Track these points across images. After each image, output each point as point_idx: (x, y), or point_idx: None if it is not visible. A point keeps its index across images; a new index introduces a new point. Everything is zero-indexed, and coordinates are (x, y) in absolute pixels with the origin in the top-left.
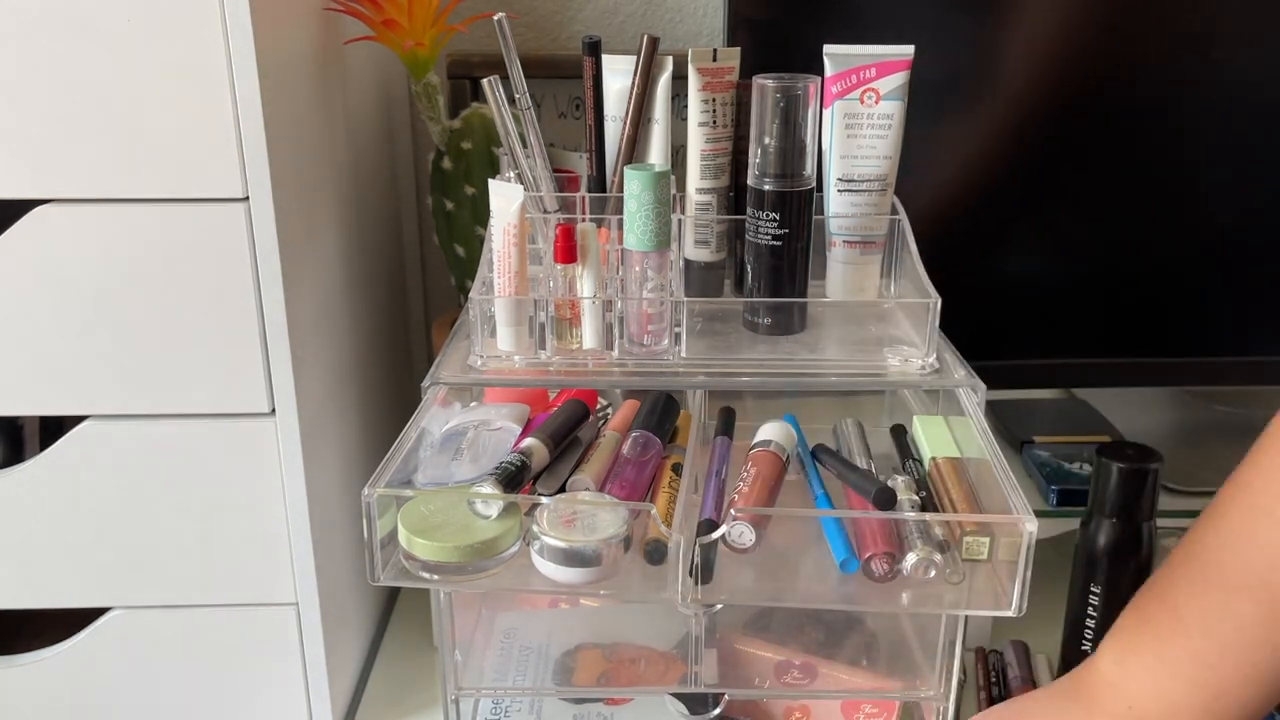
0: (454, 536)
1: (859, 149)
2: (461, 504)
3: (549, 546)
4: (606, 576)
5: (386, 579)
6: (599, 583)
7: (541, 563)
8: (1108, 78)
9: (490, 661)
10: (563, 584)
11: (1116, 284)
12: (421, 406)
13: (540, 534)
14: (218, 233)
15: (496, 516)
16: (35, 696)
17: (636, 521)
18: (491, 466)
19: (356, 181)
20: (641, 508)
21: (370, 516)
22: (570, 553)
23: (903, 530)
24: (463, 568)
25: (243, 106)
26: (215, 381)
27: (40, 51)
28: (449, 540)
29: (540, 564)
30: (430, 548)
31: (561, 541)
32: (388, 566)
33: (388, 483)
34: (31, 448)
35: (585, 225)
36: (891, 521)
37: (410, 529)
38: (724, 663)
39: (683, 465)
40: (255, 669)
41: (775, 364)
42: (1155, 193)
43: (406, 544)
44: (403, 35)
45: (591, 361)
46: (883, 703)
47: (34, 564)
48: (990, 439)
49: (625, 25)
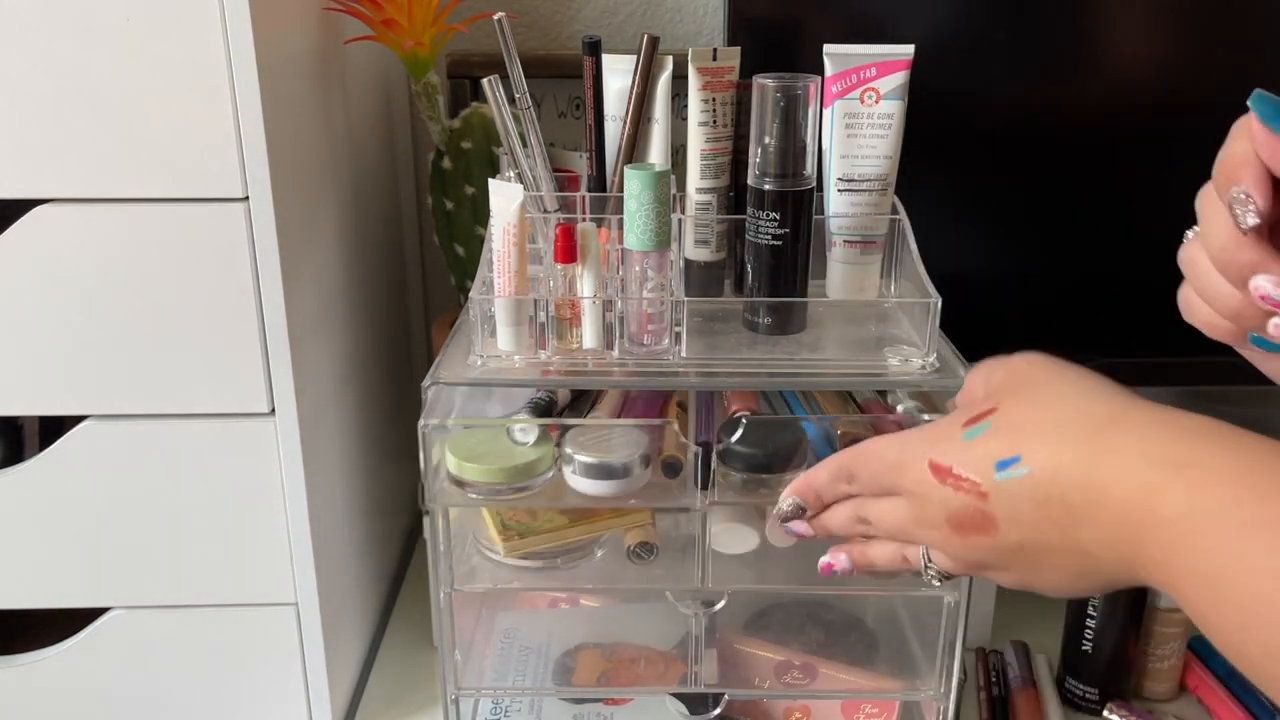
0: (498, 460)
1: (859, 149)
2: (501, 434)
3: (581, 464)
4: (632, 489)
5: (439, 503)
6: (626, 495)
7: (575, 479)
8: (1108, 75)
9: (490, 661)
10: (594, 496)
11: (1117, 284)
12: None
13: (574, 454)
14: (218, 233)
15: (533, 443)
16: (35, 696)
17: (655, 439)
18: (522, 405)
19: (356, 181)
20: (661, 423)
21: (426, 447)
22: (600, 467)
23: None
24: (507, 488)
25: (243, 106)
26: (215, 381)
27: (40, 51)
28: (494, 464)
29: (574, 480)
30: (479, 470)
31: (592, 458)
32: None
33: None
34: (31, 448)
35: (585, 225)
36: (900, 423)
37: (460, 456)
38: (724, 663)
39: (686, 401)
40: (255, 669)
41: (775, 364)
42: (1155, 192)
43: (457, 470)
44: (403, 35)
45: (591, 361)
46: (883, 703)
47: (34, 564)
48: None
49: (625, 25)
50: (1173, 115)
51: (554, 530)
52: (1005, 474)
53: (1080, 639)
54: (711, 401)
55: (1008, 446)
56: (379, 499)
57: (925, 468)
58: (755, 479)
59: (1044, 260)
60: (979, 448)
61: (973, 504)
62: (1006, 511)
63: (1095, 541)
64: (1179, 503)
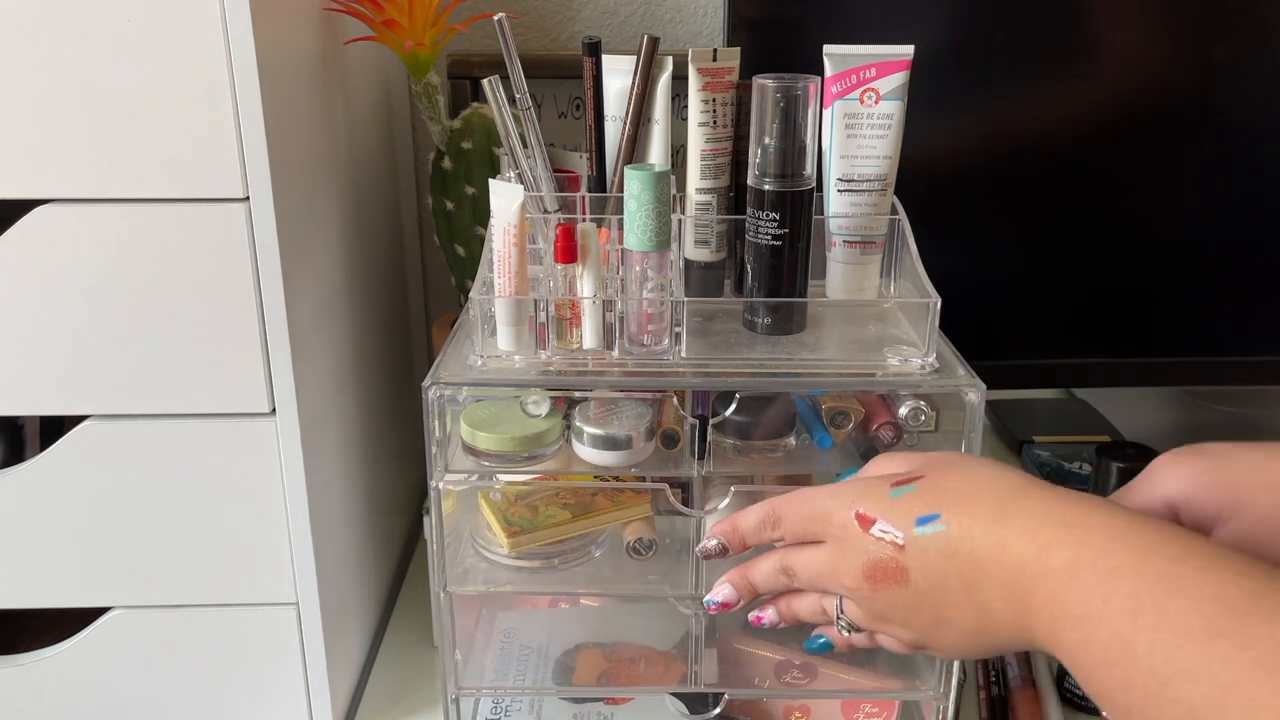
0: (510, 430)
1: (859, 149)
2: (513, 406)
3: (589, 434)
4: (635, 460)
5: (453, 468)
6: (629, 465)
7: (583, 449)
8: (1108, 75)
9: (490, 661)
10: (600, 465)
11: (1117, 284)
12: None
13: (582, 426)
14: (218, 233)
15: (545, 415)
16: (35, 696)
17: (655, 413)
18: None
19: (357, 181)
20: (661, 395)
21: (434, 414)
22: (606, 438)
23: (894, 403)
24: (518, 456)
25: (243, 106)
26: (215, 381)
27: (40, 51)
28: (506, 433)
29: (581, 450)
30: (491, 439)
31: (599, 429)
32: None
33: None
34: (32, 448)
35: (585, 225)
36: (886, 397)
37: (472, 426)
38: (724, 663)
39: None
40: (255, 669)
41: (775, 364)
42: (1156, 192)
43: (469, 439)
44: (403, 35)
45: (591, 361)
46: (882, 702)
47: (34, 564)
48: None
49: (625, 25)
50: (1173, 116)
51: (557, 525)
52: (924, 529)
53: None
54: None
55: (930, 505)
56: (379, 499)
57: (851, 517)
58: (749, 447)
59: (1044, 260)
60: (903, 504)
61: (890, 554)
62: (919, 564)
63: (993, 596)
64: (1066, 556)
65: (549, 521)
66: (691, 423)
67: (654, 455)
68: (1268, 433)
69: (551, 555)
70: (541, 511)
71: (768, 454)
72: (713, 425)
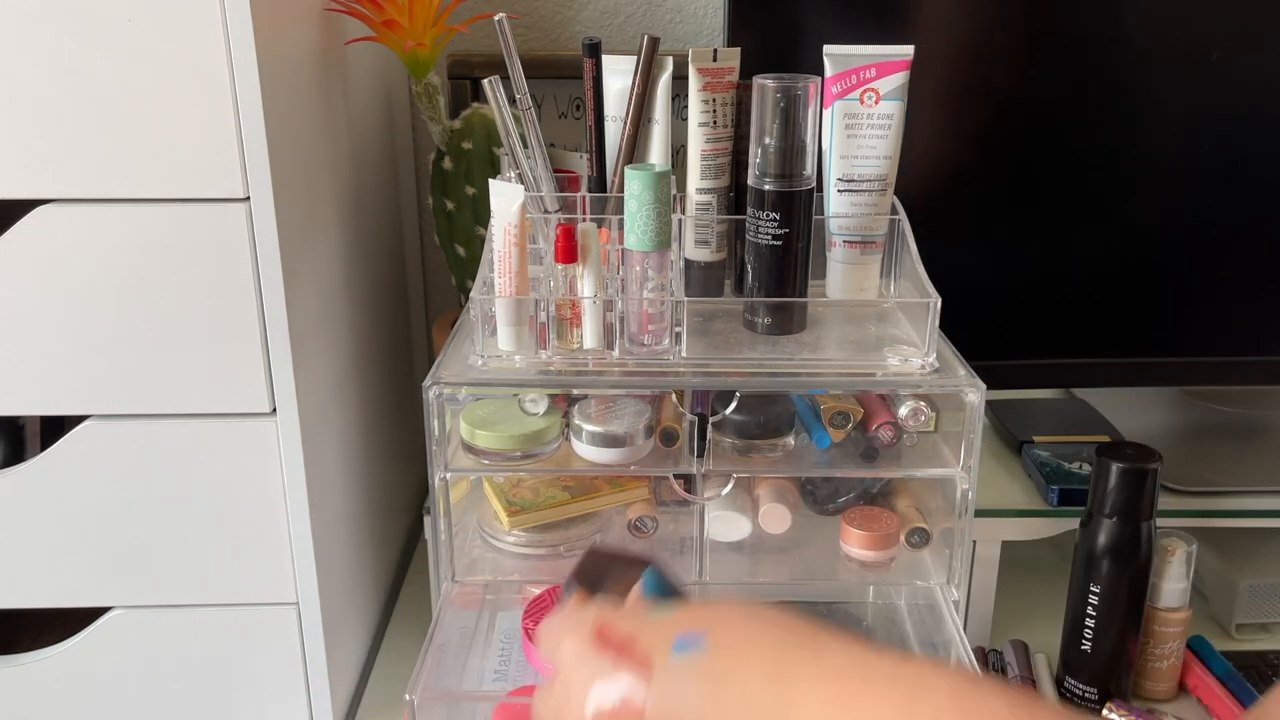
0: (510, 429)
1: (859, 149)
2: (513, 405)
3: (588, 432)
4: (635, 457)
5: (452, 466)
6: (629, 462)
7: (582, 447)
8: (1108, 75)
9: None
10: (599, 463)
11: (1116, 284)
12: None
13: (581, 424)
14: (218, 233)
15: (543, 413)
16: (35, 696)
17: (655, 410)
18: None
19: (357, 181)
20: (661, 392)
21: (434, 413)
22: (605, 436)
23: (894, 403)
24: (517, 454)
25: (243, 107)
26: (216, 381)
27: (41, 51)
28: (506, 432)
29: (581, 448)
30: (491, 437)
31: (598, 427)
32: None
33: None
34: (32, 448)
35: (586, 225)
36: (886, 397)
37: (472, 424)
38: None
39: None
40: (255, 669)
41: (775, 364)
42: (1156, 192)
43: (469, 437)
44: (403, 36)
45: (592, 361)
46: None
47: (34, 564)
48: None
49: (625, 25)
50: (1172, 116)
51: (557, 505)
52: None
53: (1079, 638)
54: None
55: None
56: (380, 499)
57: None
58: (748, 445)
59: (1044, 260)
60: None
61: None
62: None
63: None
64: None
65: (549, 502)
66: (691, 420)
67: (653, 453)
68: (1268, 433)
69: (557, 544)
70: (542, 493)
71: (767, 453)
72: (712, 423)
